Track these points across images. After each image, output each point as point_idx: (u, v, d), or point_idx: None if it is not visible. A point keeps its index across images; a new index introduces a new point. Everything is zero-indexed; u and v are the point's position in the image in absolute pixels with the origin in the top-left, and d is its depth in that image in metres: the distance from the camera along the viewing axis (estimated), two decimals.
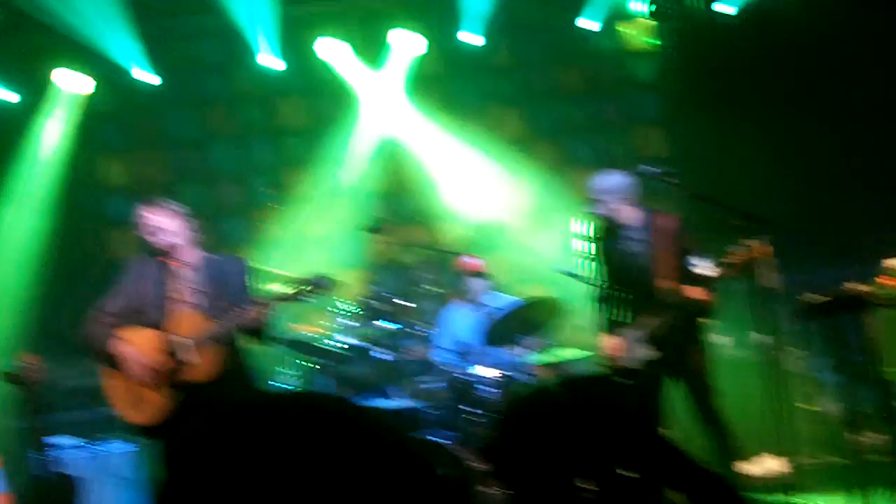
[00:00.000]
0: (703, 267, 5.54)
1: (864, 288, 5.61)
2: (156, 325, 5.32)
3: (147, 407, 5.28)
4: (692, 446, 5.10)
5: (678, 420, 5.93)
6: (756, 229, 5.33)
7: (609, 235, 6.16)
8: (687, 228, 5.96)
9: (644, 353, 5.90)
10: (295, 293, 5.29)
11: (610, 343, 6.06)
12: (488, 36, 10.05)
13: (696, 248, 5.73)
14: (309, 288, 5.29)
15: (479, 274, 7.66)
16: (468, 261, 7.73)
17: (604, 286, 6.20)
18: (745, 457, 6.05)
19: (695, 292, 5.67)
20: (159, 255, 5.45)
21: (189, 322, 5.31)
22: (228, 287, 5.42)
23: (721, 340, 7.22)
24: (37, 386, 5.80)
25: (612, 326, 6.11)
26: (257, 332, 5.40)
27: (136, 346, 5.30)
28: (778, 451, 5.97)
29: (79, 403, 7.69)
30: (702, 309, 5.78)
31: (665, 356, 5.89)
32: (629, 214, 6.04)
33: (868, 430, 5.74)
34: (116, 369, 5.32)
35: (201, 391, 5.22)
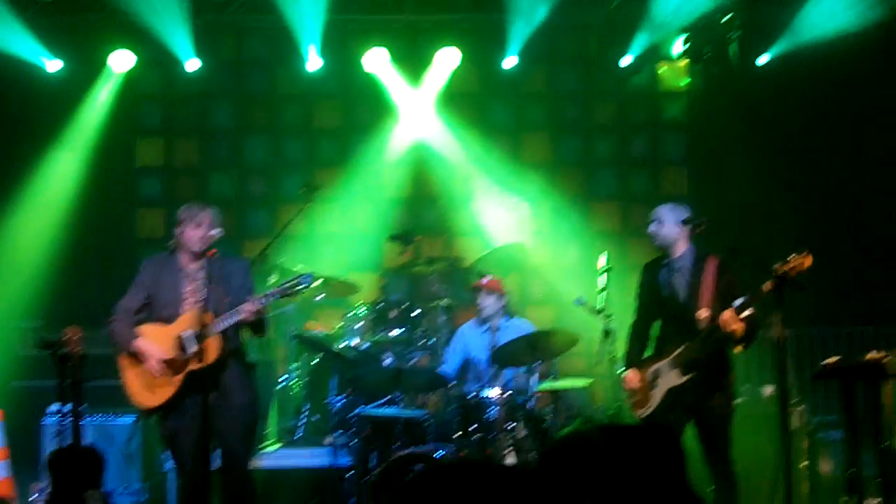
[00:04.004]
0: (743, 306, 5.68)
1: (883, 357, 5.68)
2: (169, 320, 5.85)
3: (157, 392, 5.85)
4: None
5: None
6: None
7: (655, 265, 6.24)
8: (730, 269, 6.00)
9: (668, 384, 5.97)
10: (281, 290, 5.86)
11: (632, 377, 6.12)
12: (526, 61, 10.19)
13: (738, 289, 5.79)
14: (293, 285, 5.84)
15: (494, 293, 7.74)
16: (486, 279, 7.83)
17: (636, 319, 6.30)
18: None
19: (734, 325, 5.71)
20: (174, 252, 5.97)
21: (196, 318, 5.72)
22: (231, 285, 5.88)
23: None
24: (77, 358, 5.95)
25: (636, 360, 6.18)
26: (256, 325, 5.91)
27: (153, 341, 5.84)
28: None
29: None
30: (740, 341, 5.82)
31: (691, 390, 5.93)
32: (682, 247, 6.18)
33: (867, 497, 5.80)
34: (136, 362, 5.85)
35: (201, 375, 5.66)
